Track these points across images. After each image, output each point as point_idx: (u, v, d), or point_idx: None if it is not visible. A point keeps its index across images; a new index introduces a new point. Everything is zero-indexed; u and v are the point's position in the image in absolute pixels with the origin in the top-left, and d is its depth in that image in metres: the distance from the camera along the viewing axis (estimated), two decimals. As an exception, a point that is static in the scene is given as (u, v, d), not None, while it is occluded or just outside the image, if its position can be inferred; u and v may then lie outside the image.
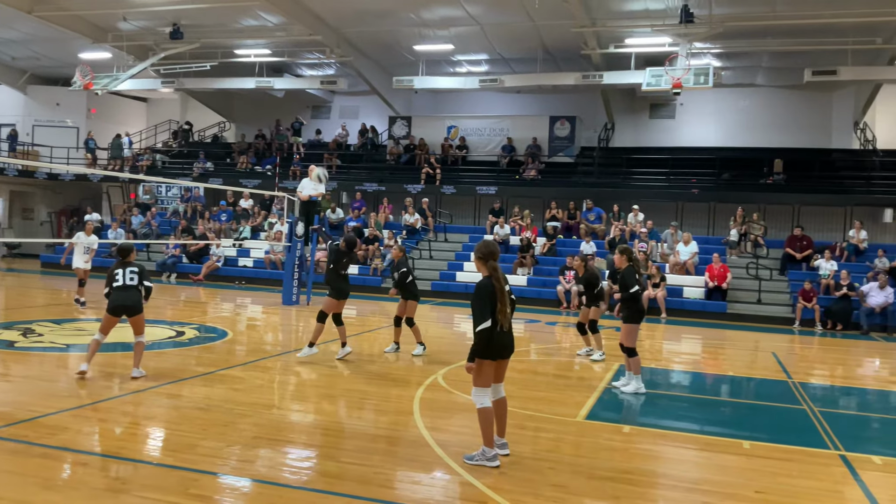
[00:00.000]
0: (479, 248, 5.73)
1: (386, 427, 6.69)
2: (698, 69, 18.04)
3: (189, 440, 5.89)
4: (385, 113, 27.03)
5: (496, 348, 5.53)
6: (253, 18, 21.02)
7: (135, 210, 25.61)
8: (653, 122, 25.54)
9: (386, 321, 14.89)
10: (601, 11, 18.79)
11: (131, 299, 8.00)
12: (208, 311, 15.35)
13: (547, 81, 22.09)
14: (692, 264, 18.73)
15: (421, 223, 22.56)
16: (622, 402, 8.26)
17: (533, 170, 23.46)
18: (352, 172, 25.59)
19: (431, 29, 21.10)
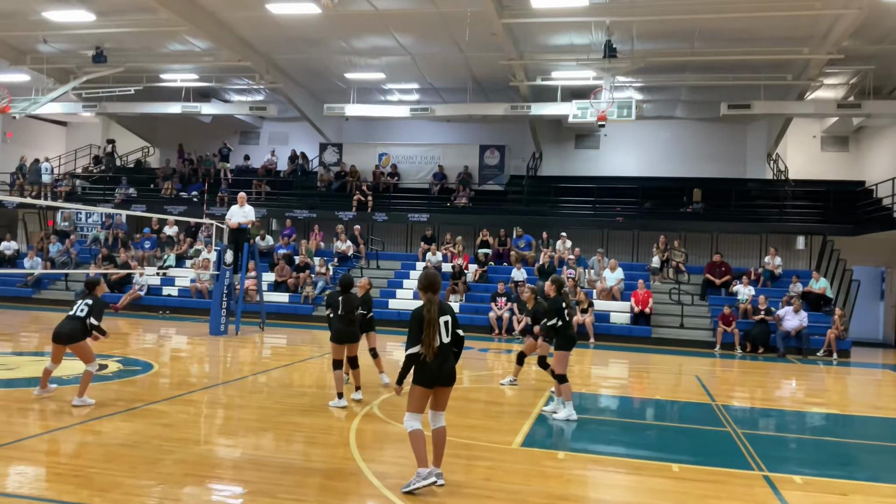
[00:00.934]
0: (420, 280, 5.91)
1: (321, 460, 6.61)
2: (621, 102, 18.70)
3: (116, 479, 5.69)
4: (316, 139, 26.92)
5: (428, 376, 5.66)
6: (180, 43, 20.69)
7: (53, 238, 24.58)
8: (579, 152, 26.26)
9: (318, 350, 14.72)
10: (528, 45, 19.31)
11: (67, 327, 8.30)
12: (131, 343, 14.83)
13: (476, 111, 22.49)
14: (618, 290, 19.24)
15: (353, 250, 22.47)
16: (556, 429, 8.39)
17: (464, 197, 23.73)
18: (282, 199, 25.31)
19: (363, 57, 21.23)
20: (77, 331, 8.32)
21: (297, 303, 20.30)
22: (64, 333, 8.28)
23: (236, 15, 18.64)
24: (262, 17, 18.33)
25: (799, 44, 17.91)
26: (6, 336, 14.19)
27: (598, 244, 22.02)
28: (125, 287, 21.29)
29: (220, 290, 16.05)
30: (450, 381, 5.78)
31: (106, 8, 18.12)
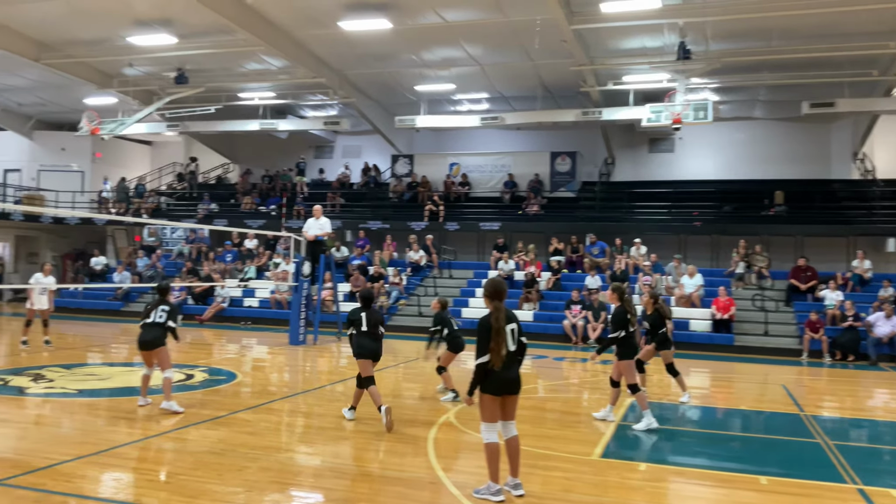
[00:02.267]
0: (486, 287, 5.93)
1: (400, 469, 6.67)
2: (697, 104, 18.27)
3: (205, 486, 5.89)
4: (387, 151, 27.30)
5: (495, 384, 5.65)
6: (257, 62, 21.37)
7: (140, 252, 25.71)
8: (653, 156, 25.78)
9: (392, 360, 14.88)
10: (599, 50, 19.11)
11: (151, 335, 8.67)
12: (215, 353, 15.34)
13: (547, 118, 22.36)
14: (697, 297, 18.75)
15: (425, 260, 22.65)
16: (637, 440, 8.23)
17: (535, 205, 23.62)
18: (356, 211, 25.76)
19: (432, 69, 21.44)
20: (159, 337, 8.70)
21: (372, 313, 20.54)
22: (148, 340, 8.66)
23: (310, 33, 19.13)
24: (335, 35, 18.76)
25: (885, 38, 17.09)
26: (98, 347, 14.90)
27: (675, 250, 21.51)
28: (209, 299, 22.04)
29: (299, 301, 16.43)
30: (516, 388, 5.79)
31: (187, 31, 18.90)
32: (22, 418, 8.39)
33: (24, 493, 5.53)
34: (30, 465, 6.23)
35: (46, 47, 20.60)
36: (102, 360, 13.46)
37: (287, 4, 17.39)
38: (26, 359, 12.87)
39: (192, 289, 22.07)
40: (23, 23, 19.12)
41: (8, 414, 8.58)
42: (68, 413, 8.76)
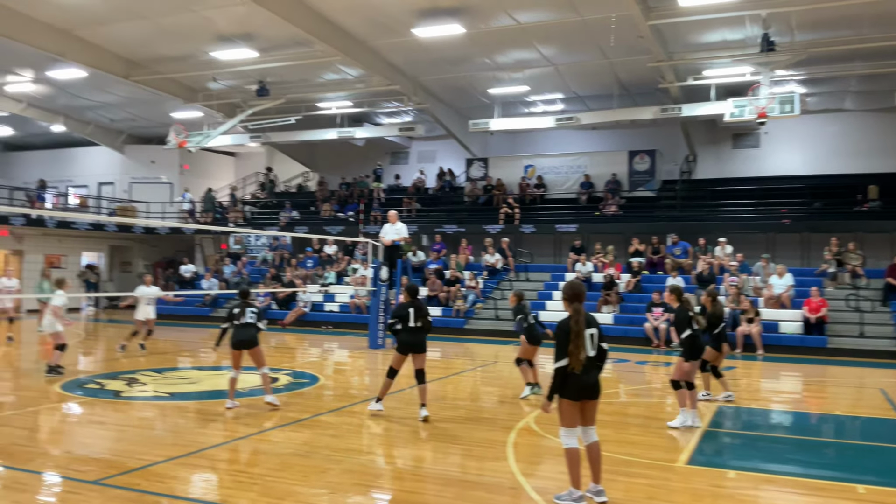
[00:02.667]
0: (565, 290, 5.82)
1: (480, 473, 6.65)
2: (783, 97, 17.57)
3: (289, 487, 6.02)
4: (462, 155, 27.39)
5: (573, 389, 5.55)
6: (334, 72, 21.82)
7: (226, 260, 26.62)
8: (736, 152, 24.94)
9: (471, 363, 14.90)
10: (678, 45, 18.64)
11: (249, 334, 9.09)
12: (297, 357, 15.71)
13: (624, 117, 21.96)
14: (787, 297, 18.01)
15: (501, 263, 22.59)
16: (724, 446, 7.97)
17: (613, 205, 23.21)
18: (431, 215, 25.93)
19: (506, 72, 21.38)
20: (255, 336, 9.14)
21: (449, 316, 20.65)
22: (247, 340, 9.07)
23: (384, 42, 19.40)
24: (409, 42, 18.96)
25: None
26: (187, 352, 15.49)
27: (763, 249, 20.74)
28: (291, 304, 22.60)
29: (377, 306, 16.66)
30: (595, 394, 5.68)
31: (267, 45, 19.47)
32: (117, 420, 8.79)
33: (119, 493, 5.78)
34: (125, 466, 6.52)
35: (135, 65, 21.60)
36: (192, 365, 13.98)
37: (362, 15, 17.69)
38: (121, 363, 13.49)
39: (276, 294, 22.68)
40: (113, 42, 20.10)
41: (104, 416, 9.01)
42: (160, 415, 9.14)
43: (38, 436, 8.03)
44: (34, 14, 17.91)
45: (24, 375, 11.62)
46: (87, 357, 15.16)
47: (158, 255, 31.33)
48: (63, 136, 30.50)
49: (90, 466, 6.50)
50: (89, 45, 19.98)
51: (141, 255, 31.44)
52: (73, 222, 26.64)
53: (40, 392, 10.36)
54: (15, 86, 24.22)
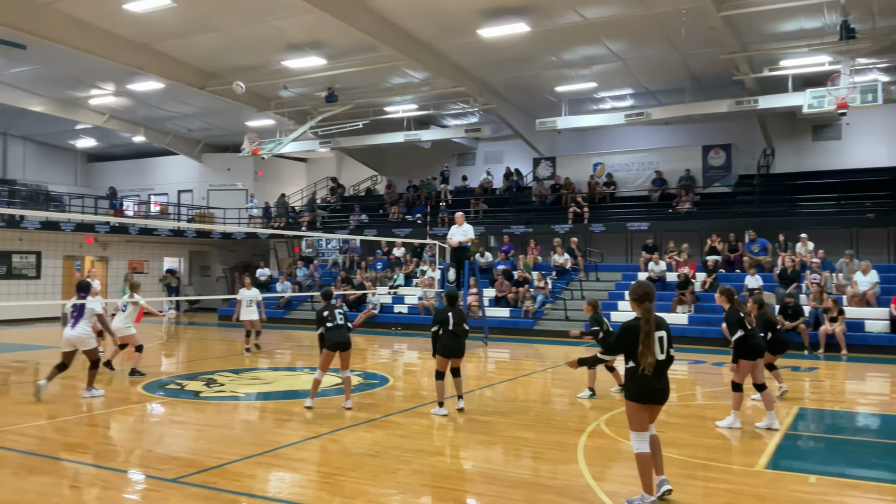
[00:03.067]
0: (633, 290, 5.71)
1: (550, 476, 6.57)
2: (865, 86, 16.77)
3: (360, 486, 6.08)
4: (529, 155, 27.21)
5: (643, 391, 5.48)
6: (400, 76, 22.02)
7: (299, 263, 27.20)
8: (817, 145, 23.96)
9: (540, 364, 14.78)
10: (752, 35, 18.03)
11: (345, 336, 9.26)
12: (368, 358, 15.89)
13: (697, 111, 21.37)
14: (873, 295, 17.17)
15: (571, 263, 22.32)
16: (806, 449, 7.65)
17: (687, 202, 22.63)
18: (498, 216, 25.85)
19: (573, 69, 21.13)
20: (349, 338, 9.33)
21: (518, 317, 20.54)
22: (345, 342, 9.21)
23: (450, 44, 19.46)
24: (474, 43, 18.95)
25: None
26: (263, 353, 15.87)
27: (847, 245, 19.84)
28: (361, 306, 22.90)
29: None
30: (663, 398, 5.60)
31: (335, 52, 19.80)
32: (196, 420, 9.07)
33: (196, 491, 5.96)
34: (202, 465, 6.72)
35: (210, 75, 22.32)
36: (268, 366, 14.32)
37: (427, 18, 17.79)
38: (200, 364, 13.93)
39: (346, 296, 23.02)
40: (188, 54, 20.83)
41: (183, 416, 9.32)
42: (237, 415, 9.38)
43: (121, 435, 8.36)
44: (115, 30, 18.72)
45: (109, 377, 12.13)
46: (168, 359, 15.72)
47: (235, 260, 32.26)
48: (143, 146, 31.79)
49: (169, 465, 6.72)
50: (166, 58, 20.76)
51: (219, 259, 32.45)
52: (154, 229, 27.72)
53: (123, 393, 10.79)
54: (98, 99, 25.40)
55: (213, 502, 5.67)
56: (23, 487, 6.01)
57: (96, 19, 18.00)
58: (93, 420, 8.95)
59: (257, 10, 17.21)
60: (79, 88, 24.26)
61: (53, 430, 8.19)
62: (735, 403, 8.37)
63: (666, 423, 8.84)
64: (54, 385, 10.30)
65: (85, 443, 7.80)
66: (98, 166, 35.08)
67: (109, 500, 5.77)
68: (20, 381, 12.25)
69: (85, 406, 9.68)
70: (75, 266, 26.98)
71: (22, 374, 13.12)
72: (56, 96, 25.05)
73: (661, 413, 9.23)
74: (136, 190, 33.20)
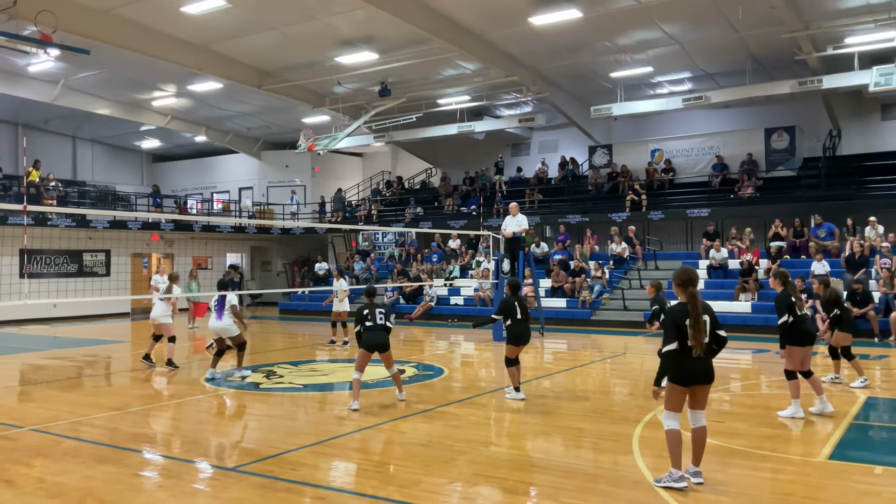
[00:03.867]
0: (678, 275, 5.79)
1: (605, 466, 6.51)
2: (938, 60, 16.00)
3: (414, 476, 6.13)
4: (584, 143, 26.88)
5: (685, 374, 5.57)
6: (452, 68, 22.00)
7: (356, 257, 27.52)
8: (886, 125, 22.96)
9: (598, 355, 14.62)
10: (815, 13, 17.37)
11: (382, 338, 8.95)
12: (425, 350, 15.99)
13: (758, 93, 20.73)
14: (949, 280, 16.39)
15: (629, 252, 21.97)
16: (871, 440, 7.37)
17: (749, 187, 22.00)
18: (554, 206, 25.63)
19: (628, 54, 20.74)
20: (386, 340, 8.99)
21: (575, 307, 20.34)
22: (382, 343, 8.89)
23: (501, 33, 19.34)
24: (526, 31, 18.79)
25: None
26: (321, 345, 16.13)
27: (919, 227, 18.98)
28: (418, 298, 23.04)
29: (500, 298, 16.61)
30: (708, 378, 5.64)
31: (386, 46, 19.91)
32: (255, 411, 9.29)
33: (254, 480, 6.10)
34: (259, 454, 6.87)
35: (266, 74, 22.73)
36: (326, 357, 14.55)
37: (478, 8, 17.71)
38: (261, 357, 14.24)
39: (403, 289, 23.19)
40: (245, 54, 21.24)
41: (244, 407, 9.55)
42: (294, 406, 9.57)
43: (182, 425, 8.61)
44: (173, 32, 19.23)
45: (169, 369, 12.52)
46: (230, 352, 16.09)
47: (294, 254, 32.86)
48: (205, 145, 32.63)
49: (228, 454, 6.90)
50: (224, 59, 21.24)
51: (279, 254, 33.11)
52: (217, 226, 28.44)
53: (188, 385, 11.11)
54: (160, 101, 26.17)
55: (270, 490, 5.79)
56: (89, 475, 6.26)
57: (155, 22, 18.52)
58: (156, 411, 9.26)
59: (310, 7, 17.43)
60: (141, 91, 25.04)
61: (119, 420, 8.50)
62: (793, 392, 8.12)
63: (728, 413, 8.66)
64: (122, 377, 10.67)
65: (149, 433, 8.07)
66: (163, 166, 36.18)
67: (170, 487, 5.96)
68: (92, 374, 12.75)
69: (149, 398, 10.01)
70: (143, 263, 27.90)
71: (93, 368, 13.65)
72: (120, 99, 25.91)
73: (725, 403, 9.12)
74: (200, 188, 34.10)
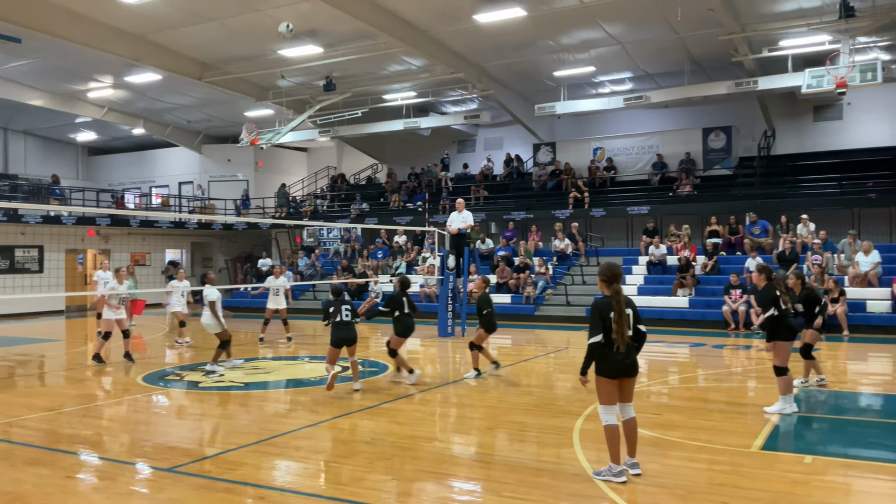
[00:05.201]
0: (603, 271, 5.97)
1: (546, 459, 6.59)
2: (864, 65, 16.64)
3: (356, 474, 6.10)
4: (529, 141, 27.12)
5: (611, 367, 5.73)
6: (398, 64, 21.91)
7: (300, 253, 27.20)
8: (818, 126, 23.83)
9: (542, 349, 14.80)
10: (751, 16, 17.89)
11: (351, 333, 9.68)
12: (370, 346, 15.91)
13: (697, 93, 21.26)
14: (874, 276, 17.11)
15: (571, 248, 22.28)
16: (802, 431, 7.64)
17: (687, 185, 22.55)
18: (499, 202, 25.80)
19: (571, 53, 21.00)
20: (355, 334, 9.69)
21: (519, 303, 20.53)
22: (352, 338, 9.63)
23: (447, 30, 19.34)
24: (471, 29, 18.84)
25: None
26: (266, 344, 15.90)
27: (848, 225, 19.78)
28: (363, 295, 22.91)
29: (446, 294, 16.69)
30: (632, 371, 5.84)
31: (332, 40, 19.70)
32: (195, 410, 9.11)
33: (193, 480, 5.98)
34: (199, 454, 6.75)
35: (207, 66, 22.24)
36: (268, 355, 14.35)
37: (423, 4, 17.67)
38: (200, 355, 13.96)
39: (349, 285, 23.01)
40: (185, 45, 20.72)
41: (183, 406, 9.35)
42: (235, 405, 9.41)
43: (118, 426, 8.38)
44: (110, 22, 18.64)
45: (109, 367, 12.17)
46: (170, 350, 15.76)
47: (237, 251, 32.30)
48: (143, 138, 31.76)
49: (165, 455, 6.74)
50: (163, 50, 20.68)
51: (221, 250, 32.49)
52: (155, 221, 27.74)
53: (125, 384, 10.82)
54: (96, 92, 25.35)
55: (209, 491, 5.69)
56: (18, 479, 6.04)
57: (91, 11, 17.92)
58: (91, 411, 8.98)
59: (252, -1, 17.13)
60: (77, 82, 24.22)
61: (53, 421, 8.23)
62: (781, 388, 8.08)
63: (666, 406, 8.87)
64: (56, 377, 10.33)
65: (83, 434, 7.83)
66: (99, 159, 35.09)
67: (105, 490, 5.80)
68: (24, 374, 12.30)
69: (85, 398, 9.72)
70: (77, 259, 27.04)
71: (26, 368, 13.17)
72: (55, 90, 25.02)
73: (664, 396, 9.33)
74: (138, 182, 33.20)
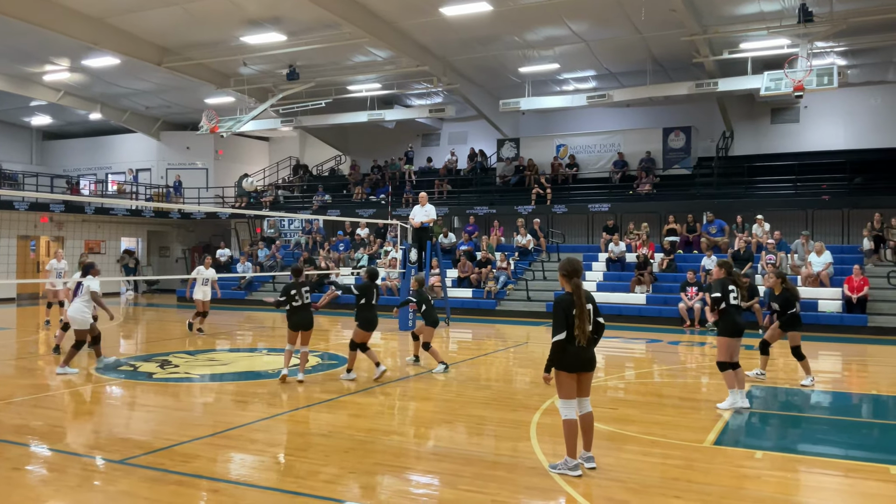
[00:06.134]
0: (564, 266, 5.98)
1: (502, 453, 6.61)
2: (821, 69, 17.04)
3: (312, 467, 6.05)
4: (493, 136, 27.19)
5: (572, 361, 5.78)
6: (363, 55, 21.76)
7: (260, 244, 26.89)
8: (775, 128, 24.34)
9: (502, 344, 14.88)
10: (712, 18, 18.16)
11: (309, 317, 9.89)
12: (330, 339, 15.81)
13: (658, 93, 21.53)
14: (826, 276, 17.56)
15: (533, 244, 22.42)
16: (755, 426, 7.80)
17: (647, 184, 22.85)
18: (462, 197, 25.83)
19: (536, 50, 21.09)
20: (312, 319, 9.92)
21: (480, 298, 20.60)
22: (310, 321, 9.86)
23: (413, 22, 19.26)
24: (437, 22, 18.79)
25: None
26: (223, 334, 15.69)
27: (802, 226, 20.25)
28: (324, 287, 22.73)
29: (407, 288, 16.65)
30: (591, 366, 5.90)
31: (296, 28, 19.46)
32: (147, 401, 8.94)
33: (144, 473, 5.86)
34: (150, 446, 6.62)
35: (167, 52, 21.80)
36: (225, 347, 14.16)
37: (389, -6, 17.57)
38: (155, 345, 13.73)
39: (310, 277, 22.81)
40: (145, 30, 20.27)
41: (135, 398, 9.18)
42: (189, 397, 9.27)
43: (69, 417, 8.20)
44: (67, 3, 18.12)
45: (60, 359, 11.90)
46: (124, 340, 15.46)
47: (195, 240, 31.79)
48: (101, 123, 31.01)
49: (117, 447, 6.61)
50: (122, 33, 20.20)
51: (178, 239, 31.94)
52: (111, 208, 27.15)
53: (77, 375, 10.57)
54: (52, 75, 24.65)
55: (161, 483, 5.59)
56: (-38, 471, 5.87)
57: (47, -9, 17.44)
58: (42, 402, 8.76)
59: (214, -16, 16.82)
60: (32, 64, 23.51)
61: (1, 412, 8.00)
62: (728, 383, 8.23)
63: (621, 401, 8.98)
64: (6, 366, 10.05)
65: (33, 425, 7.62)
66: (54, 144, 34.18)
67: (54, 482, 5.66)
68: (-32, 364, 11.95)
69: (36, 388, 9.48)
70: (30, 246, 26.34)
71: (-29, 357, 12.79)
72: (8, 71, 24.26)
73: (620, 391, 9.45)
74: (94, 168, 32.43)
